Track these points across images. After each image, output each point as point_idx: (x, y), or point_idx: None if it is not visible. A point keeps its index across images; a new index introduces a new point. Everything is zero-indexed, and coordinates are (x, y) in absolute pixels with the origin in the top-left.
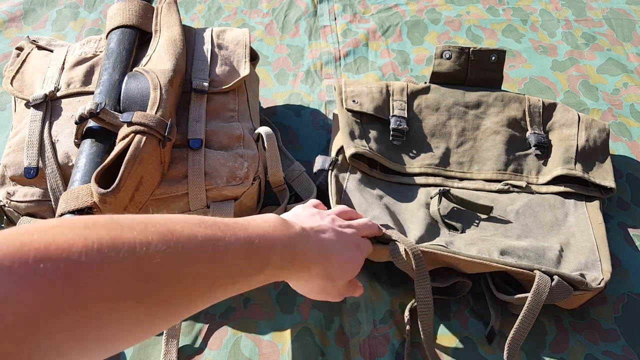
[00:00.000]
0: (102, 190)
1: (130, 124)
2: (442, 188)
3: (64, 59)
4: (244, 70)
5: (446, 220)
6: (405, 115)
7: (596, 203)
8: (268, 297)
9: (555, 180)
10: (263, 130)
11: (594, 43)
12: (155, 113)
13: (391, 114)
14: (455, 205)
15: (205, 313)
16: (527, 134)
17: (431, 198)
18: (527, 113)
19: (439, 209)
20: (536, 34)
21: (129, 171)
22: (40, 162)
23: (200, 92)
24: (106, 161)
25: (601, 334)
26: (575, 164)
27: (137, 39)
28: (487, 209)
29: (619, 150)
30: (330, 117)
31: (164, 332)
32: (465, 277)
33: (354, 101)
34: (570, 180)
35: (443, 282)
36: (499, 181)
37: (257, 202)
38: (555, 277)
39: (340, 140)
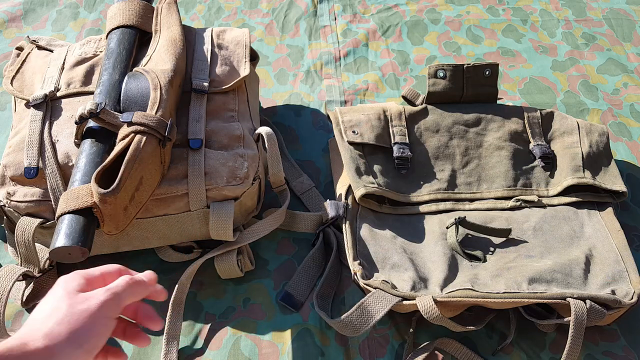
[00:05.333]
0: (102, 190)
1: (130, 124)
2: (457, 217)
3: (64, 59)
4: (244, 70)
5: (467, 251)
6: (407, 141)
7: (610, 210)
8: (268, 297)
9: (565, 191)
10: (263, 130)
11: (594, 43)
12: (155, 113)
13: (393, 142)
14: (470, 233)
15: (205, 313)
16: (530, 146)
17: (447, 228)
18: (526, 125)
19: (457, 240)
20: (536, 34)
21: (129, 171)
22: (40, 162)
23: (200, 92)
24: (106, 161)
25: (601, 334)
26: (584, 172)
27: (137, 39)
28: (505, 232)
29: (619, 150)
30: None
31: (164, 333)
32: (495, 311)
33: (354, 132)
34: (581, 188)
35: (478, 325)
36: (510, 198)
37: (257, 202)
38: (588, 302)
39: (346, 179)
